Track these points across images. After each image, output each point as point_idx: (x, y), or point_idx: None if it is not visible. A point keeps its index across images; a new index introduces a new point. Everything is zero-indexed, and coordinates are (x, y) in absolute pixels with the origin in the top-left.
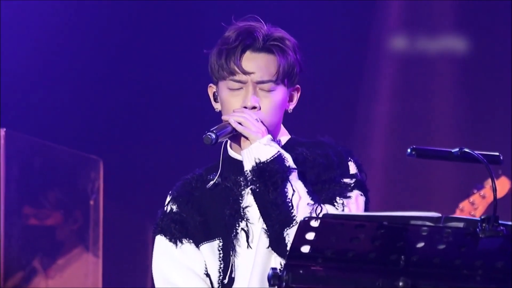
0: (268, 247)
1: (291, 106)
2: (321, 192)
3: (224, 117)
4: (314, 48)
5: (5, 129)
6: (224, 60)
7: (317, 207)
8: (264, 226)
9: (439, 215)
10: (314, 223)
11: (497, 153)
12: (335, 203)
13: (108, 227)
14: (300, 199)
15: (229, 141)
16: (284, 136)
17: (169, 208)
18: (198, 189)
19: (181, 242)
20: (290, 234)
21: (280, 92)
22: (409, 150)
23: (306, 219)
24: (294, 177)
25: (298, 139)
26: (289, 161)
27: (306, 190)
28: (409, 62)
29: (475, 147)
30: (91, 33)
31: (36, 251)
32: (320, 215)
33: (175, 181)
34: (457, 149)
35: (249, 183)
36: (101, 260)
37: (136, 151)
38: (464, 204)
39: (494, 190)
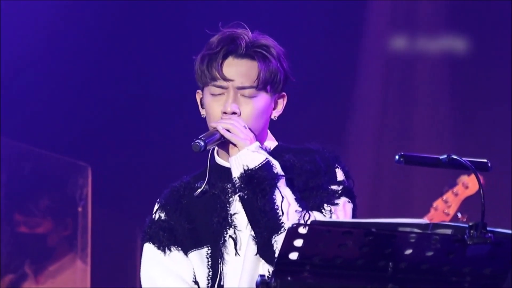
0: (256, 254)
1: (276, 113)
2: (308, 199)
3: (212, 124)
4: (301, 51)
5: None
6: (206, 66)
7: (305, 214)
8: (252, 233)
9: (427, 221)
10: (302, 230)
11: (485, 160)
12: (323, 210)
13: (96, 234)
14: (288, 206)
15: (216, 148)
16: (272, 143)
17: (157, 216)
18: (186, 196)
19: (170, 250)
20: (278, 241)
21: (262, 98)
22: (397, 157)
23: (294, 226)
24: (282, 184)
25: (285, 146)
26: (277, 168)
27: (294, 197)
28: (402, 65)
29: (472, 151)
30: (79, 41)
31: (26, 257)
32: (308, 222)
33: (163, 188)
34: (445, 156)
35: (237, 190)
36: (89, 267)
37: (124, 157)
38: (438, 203)
39: (483, 197)
